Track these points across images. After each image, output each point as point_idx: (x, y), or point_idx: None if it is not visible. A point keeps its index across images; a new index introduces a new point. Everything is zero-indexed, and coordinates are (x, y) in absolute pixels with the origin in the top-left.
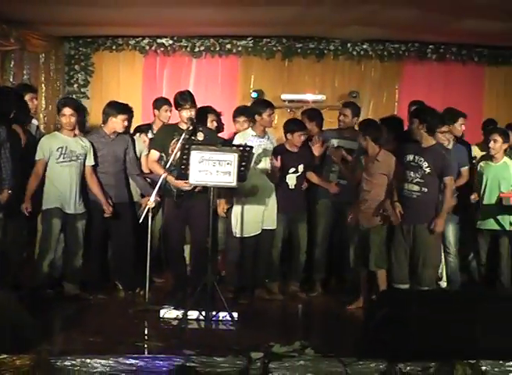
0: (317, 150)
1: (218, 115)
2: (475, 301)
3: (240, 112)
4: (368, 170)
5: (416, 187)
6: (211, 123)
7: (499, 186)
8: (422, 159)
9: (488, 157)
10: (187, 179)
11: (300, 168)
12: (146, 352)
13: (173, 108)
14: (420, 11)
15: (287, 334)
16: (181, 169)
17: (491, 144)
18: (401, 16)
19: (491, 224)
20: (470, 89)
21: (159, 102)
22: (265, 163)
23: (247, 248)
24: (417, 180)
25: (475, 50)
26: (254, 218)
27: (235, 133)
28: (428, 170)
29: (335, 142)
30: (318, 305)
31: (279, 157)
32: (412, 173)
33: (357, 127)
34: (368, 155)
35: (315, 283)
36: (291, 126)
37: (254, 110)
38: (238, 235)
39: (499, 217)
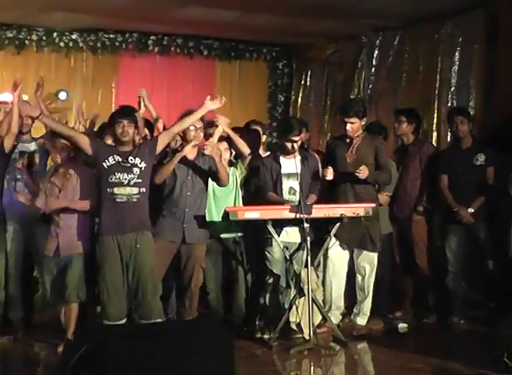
0: None
1: None
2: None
3: None
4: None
5: (135, 190)
6: None
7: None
8: (133, 157)
9: None
10: None
11: None
12: None
13: None
14: None
15: None
16: None
17: None
18: (115, 2)
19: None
20: (199, 84)
21: None
22: None
23: None
24: (135, 180)
25: (204, 42)
26: None
27: None
28: (144, 166)
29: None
30: (15, 349)
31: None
32: (126, 175)
33: None
34: None
35: (14, 324)
36: None
37: None
38: None
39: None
